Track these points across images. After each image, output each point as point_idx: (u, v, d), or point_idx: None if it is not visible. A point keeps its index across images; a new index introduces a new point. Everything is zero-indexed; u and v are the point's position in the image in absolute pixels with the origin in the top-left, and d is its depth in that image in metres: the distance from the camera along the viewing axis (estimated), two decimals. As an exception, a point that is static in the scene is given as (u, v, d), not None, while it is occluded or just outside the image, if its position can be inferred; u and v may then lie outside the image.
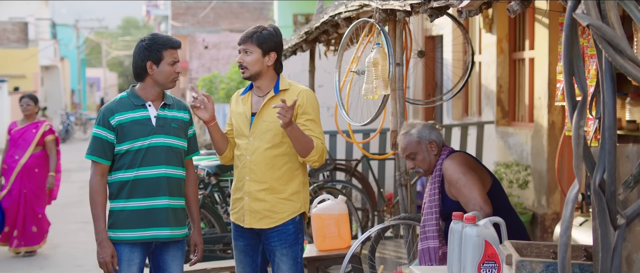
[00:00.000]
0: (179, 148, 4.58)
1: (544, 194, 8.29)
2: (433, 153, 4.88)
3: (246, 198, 4.67)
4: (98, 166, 4.47)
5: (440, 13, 4.75)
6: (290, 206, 4.67)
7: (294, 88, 4.68)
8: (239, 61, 4.65)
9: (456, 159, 4.75)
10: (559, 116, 8.07)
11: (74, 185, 16.30)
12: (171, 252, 4.60)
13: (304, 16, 16.69)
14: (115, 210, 4.50)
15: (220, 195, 7.82)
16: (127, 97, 4.54)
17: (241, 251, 4.81)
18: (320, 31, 7.21)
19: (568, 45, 2.90)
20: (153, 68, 4.46)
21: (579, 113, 2.87)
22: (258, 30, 4.63)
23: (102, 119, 4.47)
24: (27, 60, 33.54)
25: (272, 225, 4.65)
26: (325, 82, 11.72)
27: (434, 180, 4.85)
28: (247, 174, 4.66)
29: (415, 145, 4.88)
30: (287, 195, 4.66)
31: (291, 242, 4.68)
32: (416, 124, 4.96)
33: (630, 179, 2.87)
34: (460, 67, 9.01)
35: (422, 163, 4.89)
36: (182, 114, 4.62)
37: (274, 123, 4.58)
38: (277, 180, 4.64)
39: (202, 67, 31.73)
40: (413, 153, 4.89)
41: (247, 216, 4.68)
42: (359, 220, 8.22)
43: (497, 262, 3.75)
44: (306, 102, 4.61)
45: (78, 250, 9.66)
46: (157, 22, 48.55)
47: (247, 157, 4.66)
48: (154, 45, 4.45)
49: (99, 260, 4.43)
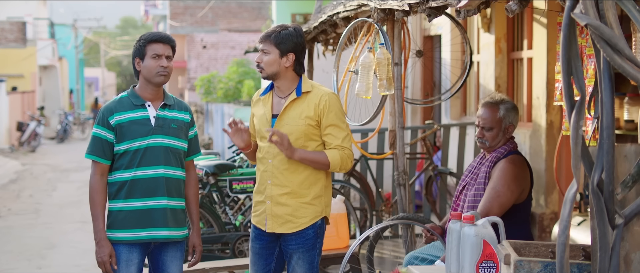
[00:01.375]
0: (178, 149, 4.55)
1: (542, 194, 8.29)
2: (507, 135, 4.86)
3: (268, 202, 4.57)
4: (98, 166, 4.46)
5: (439, 13, 4.75)
6: (312, 211, 4.56)
7: (317, 91, 4.54)
8: (257, 60, 4.53)
9: (515, 168, 4.72)
10: (557, 115, 8.07)
11: (73, 185, 16.30)
12: (170, 252, 4.58)
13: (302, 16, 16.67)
14: (113, 210, 4.49)
15: (219, 195, 7.82)
16: (127, 97, 4.53)
17: (256, 253, 4.70)
18: (318, 31, 7.21)
19: (566, 45, 2.90)
20: (140, 64, 4.48)
21: (577, 112, 2.87)
22: (278, 29, 4.51)
23: (102, 119, 4.47)
24: (25, 60, 33.53)
25: (294, 230, 4.55)
26: (323, 82, 11.64)
27: (489, 166, 4.82)
28: (269, 178, 4.56)
29: (497, 121, 4.84)
30: (309, 199, 4.54)
31: (309, 246, 4.58)
32: (506, 102, 4.89)
33: (628, 179, 2.87)
34: (458, 67, 9.01)
35: (492, 140, 4.85)
36: (183, 115, 4.59)
37: (296, 126, 4.48)
38: (299, 184, 4.53)
39: (200, 67, 31.74)
40: (490, 127, 4.85)
41: (270, 221, 4.58)
42: (357, 220, 8.21)
43: (495, 261, 3.76)
44: (328, 108, 4.48)
45: (76, 249, 9.66)
46: (156, 21, 48.54)
47: (268, 161, 4.56)
48: (140, 41, 4.49)
49: (98, 260, 4.43)
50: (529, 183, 4.81)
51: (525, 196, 4.78)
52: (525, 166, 4.81)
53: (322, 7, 7.82)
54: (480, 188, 4.77)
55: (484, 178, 4.79)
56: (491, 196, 4.61)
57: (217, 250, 7.60)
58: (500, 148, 4.85)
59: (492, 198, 4.60)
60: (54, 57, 40.09)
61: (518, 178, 4.68)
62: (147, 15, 49.65)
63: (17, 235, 10.92)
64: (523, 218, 4.80)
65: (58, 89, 40.71)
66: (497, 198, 4.60)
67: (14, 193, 15.50)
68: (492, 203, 4.59)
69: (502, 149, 4.84)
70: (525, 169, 4.80)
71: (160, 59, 4.44)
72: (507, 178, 4.65)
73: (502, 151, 4.83)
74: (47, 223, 11.92)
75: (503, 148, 4.85)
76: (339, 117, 4.51)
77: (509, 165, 4.70)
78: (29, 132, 26.23)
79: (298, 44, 4.52)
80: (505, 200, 4.61)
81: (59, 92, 40.70)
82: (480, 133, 4.87)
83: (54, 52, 40.17)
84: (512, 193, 4.64)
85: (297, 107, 4.49)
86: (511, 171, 4.68)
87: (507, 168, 4.69)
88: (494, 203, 4.59)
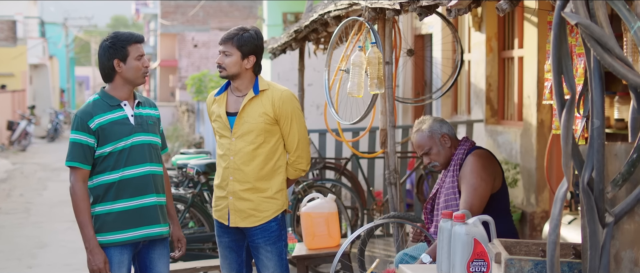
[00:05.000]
0: (157, 145, 4.58)
1: (533, 192, 8.31)
2: (447, 145, 4.87)
3: (231, 197, 4.74)
4: (79, 172, 4.38)
5: (430, 12, 4.75)
6: (273, 205, 4.76)
7: (273, 88, 4.74)
8: (218, 61, 4.69)
9: (481, 159, 4.73)
10: (547, 114, 8.09)
11: (64, 184, 16.24)
12: (157, 249, 4.57)
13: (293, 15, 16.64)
14: (101, 214, 4.42)
15: (210, 194, 7.81)
16: (100, 99, 4.47)
17: (226, 247, 4.89)
18: (309, 30, 7.20)
19: (557, 43, 2.90)
20: (121, 66, 4.41)
21: (568, 111, 2.88)
22: (239, 32, 4.67)
23: (80, 124, 4.38)
24: (15, 58, 33.39)
25: (257, 224, 4.73)
26: (314, 81, 11.71)
27: (454, 173, 4.81)
28: (231, 174, 4.72)
29: (428, 140, 4.87)
30: (271, 194, 4.74)
31: (275, 238, 4.77)
32: (426, 120, 4.95)
33: (618, 177, 2.88)
34: (449, 66, 9.03)
35: (438, 157, 4.88)
36: (154, 111, 4.62)
37: (256, 123, 4.66)
38: (260, 179, 4.71)
39: (191, 66, 31.66)
40: (427, 148, 4.88)
41: (232, 215, 4.76)
42: (348, 219, 8.22)
43: (486, 260, 3.76)
44: (282, 106, 4.69)
45: (67, 249, 9.63)
46: (147, 20, 48.42)
47: (230, 157, 4.72)
48: (118, 42, 4.41)
49: (92, 268, 4.35)
50: (499, 170, 4.83)
51: (499, 185, 4.79)
52: (489, 155, 4.84)
53: (313, 6, 7.81)
54: (449, 193, 4.78)
55: (452, 182, 4.79)
56: (469, 192, 4.62)
57: (209, 249, 7.59)
58: (457, 151, 4.86)
59: (470, 194, 4.62)
60: (45, 56, 39.94)
61: (486, 167, 4.72)
62: (138, 14, 49.52)
63: (8, 235, 10.89)
64: (503, 208, 4.81)
65: (48, 88, 40.55)
66: (474, 192, 4.61)
67: (4, 192, 15.45)
68: (471, 198, 4.60)
69: (460, 152, 4.84)
70: (491, 158, 4.83)
71: (142, 59, 4.45)
72: (476, 170, 4.68)
73: (461, 152, 4.84)
74: (37, 223, 11.88)
75: (459, 149, 4.85)
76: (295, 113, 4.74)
77: (475, 158, 4.75)
78: (19, 131, 26.13)
79: (258, 46, 4.71)
80: (482, 191, 4.64)
81: (49, 91, 40.54)
82: (426, 161, 4.94)
83: (45, 51, 40.02)
84: (486, 183, 4.66)
85: (255, 105, 4.68)
86: (478, 162, 4.71)
87: (473, 161, 4.73)
88: (473, 198, 4.60)
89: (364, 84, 5.61)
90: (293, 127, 4.74)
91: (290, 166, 4.83)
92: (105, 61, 4.43)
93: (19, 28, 35.22)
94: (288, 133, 4.74)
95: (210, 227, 7.58)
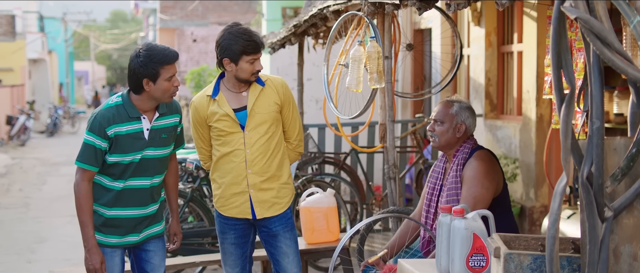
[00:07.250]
0: (167, 155, 4.59)
1: (532, 187, 8.31)
2: (457, 134, 4.81)
3: (252, 191, 4.78)
4: (86, 173, 4.38)
5: (429, 6, 4.75)
6: (289, 191, 4.91)
7: (271, 78, 4.89)
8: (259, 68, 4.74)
9: (484, 164, 4.67)
10: (547, 109, 8.09)
11: (63, 179, 16.25)
12: (152, 244, 4.61)
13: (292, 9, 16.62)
14: (97, 214, 4.46)
15: (209, 188, 7.81)
16: (123, 106, 4.41)
17: (231, 243, 4.91)
18: (308, 24, 7.19)
19: (556, 38, 2.90)
20: (150, 85, 4.33)
21: (567, 106, 2.88)
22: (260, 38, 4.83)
23: (98, 128, 4.35)
24: (14, 53, 33.37)
25: (281, 211, 4.84)
26: (313, 76, 11.71)
27: (456, 171, 4.78)
28: (248, 167, 4.76)
29: (449, 116, 4.78)
30: (285, 180, 4.88)
31: (291, 225, 4.92)
32: (462, 102, 4.86)
33: (617, 172, 2.88)
34: (448, 61, 9.02)
35: (441, 135, 4.80)
36: (173, 118, 4.56)
37: (269, 113, 4.77)
38: (276, 167, 4.82)
39: (190, 61, 31.62)
40: (441, 121, 4.82)
41: (257, 208, 4.80)
42: (347, 213, 8.22)
43: (485, 254, 3.76)
44: (286, 92, 4.86)
45: (66, 243, 9.64)
46: (146, 15, 48.35)
47: (247, 151, 4.74)
48: (150, 63, 4.29)
49: (88, 267, 4.38)
50: (501, 175, 4.80)
51: (500, 187, 4.77)
52: (492, 158, 4.80)
53: (313, 1, 7.81)
54: (452, 194, 4.74)
55: (455, 178, 4.75)
56: (471, 205, 4.56)
57: (208, 243, 7.60)
58: (463, 147, 4.80)
59: (471, 205, 4.56)
60: (44, 50, 39.90)
61: (489, 173, 4.66)
62: (137, 9, 49.46)
63: (7, 229, 10.90)
64: (505, 208, 4.79)
65: (48, 82, 40.53)
66: (476, 202, 4.56)
67: (4, 187, 15.45)
68: (474, 202, 4.56)
69: (466, 149, 4.79)
70: (494, 162, 4.79)
71: (173, 78, 4.38)
72: (479, 178, 4.62)
73: (466, 150, 4.79)
74: (36, 217, 11.89)
75: (465, 146, 4.80)
76: (293, 99, 4.92)
77: (479, 163, 4.67)
78: (18, 126, 26.12)
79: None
80: (484, 201, 4.59)
81: (48, 86, 40.52)
82: (431, 127, 4.84)
83: (44, 45, 39.97)
84: (487, 190, 4.62)
85: (264, 96, 4.78)
86: (482, 168, 4.64)
87: (477, 166, 4.65)
88: (478, 204, 4.55)
89: (363, 79, 5.61)
90: (294, 112, 4.90)
91: (292, 151, 4.96)
92: (135, 77, 4.35)
93: (18, 23, 35.17)
94: (290, 118, 4.88)
95: (210, 222, 7.58)
